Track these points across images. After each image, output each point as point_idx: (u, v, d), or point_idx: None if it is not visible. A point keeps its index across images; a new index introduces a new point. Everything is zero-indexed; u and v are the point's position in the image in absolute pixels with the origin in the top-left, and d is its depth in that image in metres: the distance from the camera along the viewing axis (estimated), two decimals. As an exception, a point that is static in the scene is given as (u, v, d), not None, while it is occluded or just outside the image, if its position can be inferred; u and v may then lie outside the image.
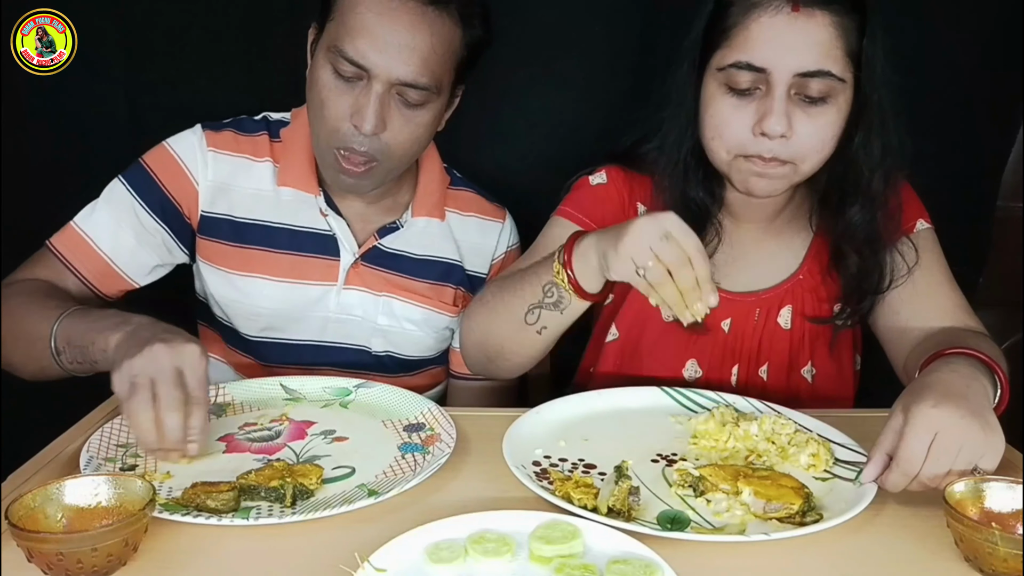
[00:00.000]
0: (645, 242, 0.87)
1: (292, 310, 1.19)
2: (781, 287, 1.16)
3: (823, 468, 0.89)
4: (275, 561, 0.72)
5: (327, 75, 1.07)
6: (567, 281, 0.96)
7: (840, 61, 0.98)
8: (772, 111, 0.98)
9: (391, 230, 1.22)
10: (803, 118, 1.00)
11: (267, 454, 0.91)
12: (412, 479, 0.83)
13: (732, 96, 1.01)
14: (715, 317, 1.16)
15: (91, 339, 0.94)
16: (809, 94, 0.99)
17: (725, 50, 1.01)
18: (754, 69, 0.99)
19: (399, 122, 1.08)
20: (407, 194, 1.25)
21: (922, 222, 1.15)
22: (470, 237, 1.29)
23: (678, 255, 0.86)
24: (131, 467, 0.86)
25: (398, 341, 1.24)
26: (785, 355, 1.16)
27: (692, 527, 0.78)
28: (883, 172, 1.07)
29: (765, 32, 0.98)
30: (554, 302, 0.99)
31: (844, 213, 1.10)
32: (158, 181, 1.15)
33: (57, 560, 0.65)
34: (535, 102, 1.44)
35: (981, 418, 0.79)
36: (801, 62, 0.97)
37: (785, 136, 0.99)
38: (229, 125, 1.21)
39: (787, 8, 0.97)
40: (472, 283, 1.29)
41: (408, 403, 1.04)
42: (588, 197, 1.18)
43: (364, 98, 1.06)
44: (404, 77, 1.05)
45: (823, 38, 0.97)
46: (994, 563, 0.70)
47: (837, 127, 1.02)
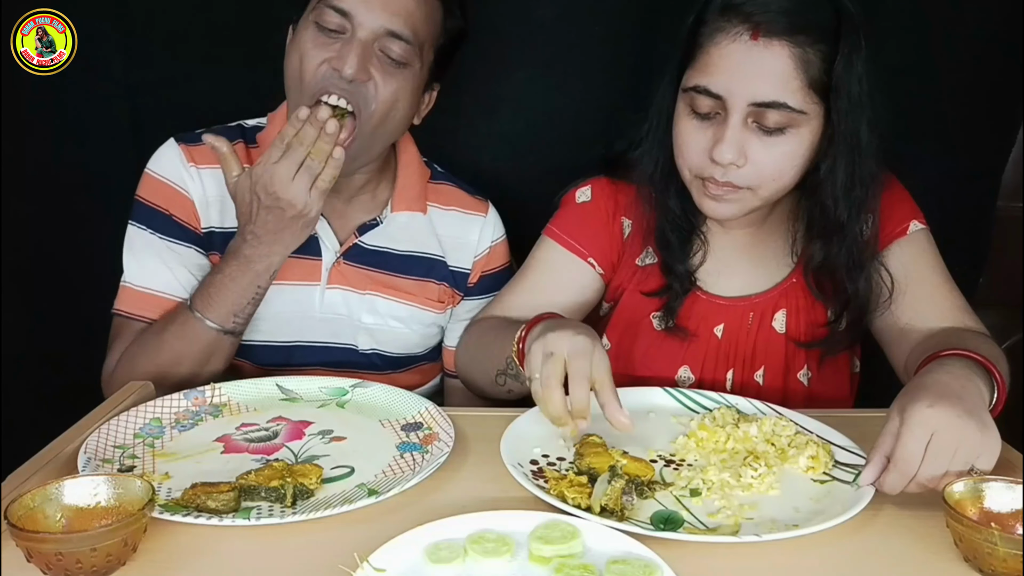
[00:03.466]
0: (564, 346, 0.87)
1: (276, 311, 1.19)
2: (774, 291, 1.16)
3: (822, 470, 0.89)
4: (275, 561, 0.72)
5: (309, 32, 1.08)
6: (518, 361, 0.99)
7: (799, 92, 0.96)
8: (723, 139, 0.98)
9: (371, 227, 1.22)
10: (759, 147, 0.99)
11: (265, 454, 0.91)
12: (412, 478, 0.83)
13: (694, 118, 1.01)
14: (708, 323, 1.16)
15: (245, 287, 1.07)
16: (765, 124, 0.97)
17: (691, 71, 1.01)
18: (711, 95, 0.98)
19: (380, 76, 1.09)
20: (386, 191, 1.25)
21: (915, 223, 1.13)
22: (451, 231, 1.28)
23: (584, 372, 0.85)
24: (129, 468, 0.86)
25: (384, 339, 1.24)
26: (780, 359, 1.16)
27: (686, 527, 0.78)
28: (849, 204, 1.04)
29: (724, 59, 0.97)
30: (515, 375, 1.02)
31: (811, 245, 1.09)
32: (161, 210, 1.16)
33: (56, 560, 0.65)
34: (535, 102, 1.44)
35: (977, 418, 0.79)
36: (756, 92, 0.96)
37: (736, 164, 0.99)
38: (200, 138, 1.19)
39: (746, 35, 0.96)
40: (456, 279, 1.28)
41: (405, 402, 1.04)
42: (574, 216, 1.19)
43: (347, 47, 1.07)
44: (388, 26, 1.07)
45: (781, 69, 0.95)
46: (993, 563, 0.70)
47: (799, 157, 1.01)
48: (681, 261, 1.13)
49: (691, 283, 1.14)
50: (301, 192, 1.03)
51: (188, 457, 0.90)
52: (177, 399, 1.01)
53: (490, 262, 1.30)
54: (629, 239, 1.18)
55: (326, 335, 1.22)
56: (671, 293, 1.14)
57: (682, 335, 1.14)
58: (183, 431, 0.96)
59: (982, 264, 1.56)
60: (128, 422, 0.95)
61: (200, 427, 0.97)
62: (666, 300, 1.14)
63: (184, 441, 0.94)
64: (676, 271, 1.13)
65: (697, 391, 1.08)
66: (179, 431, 0.96)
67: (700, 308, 1.16)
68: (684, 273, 1.13)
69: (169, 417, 0.98)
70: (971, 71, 1.43)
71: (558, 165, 1.25)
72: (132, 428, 0.95)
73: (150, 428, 0.96)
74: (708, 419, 0.99)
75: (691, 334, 1.15)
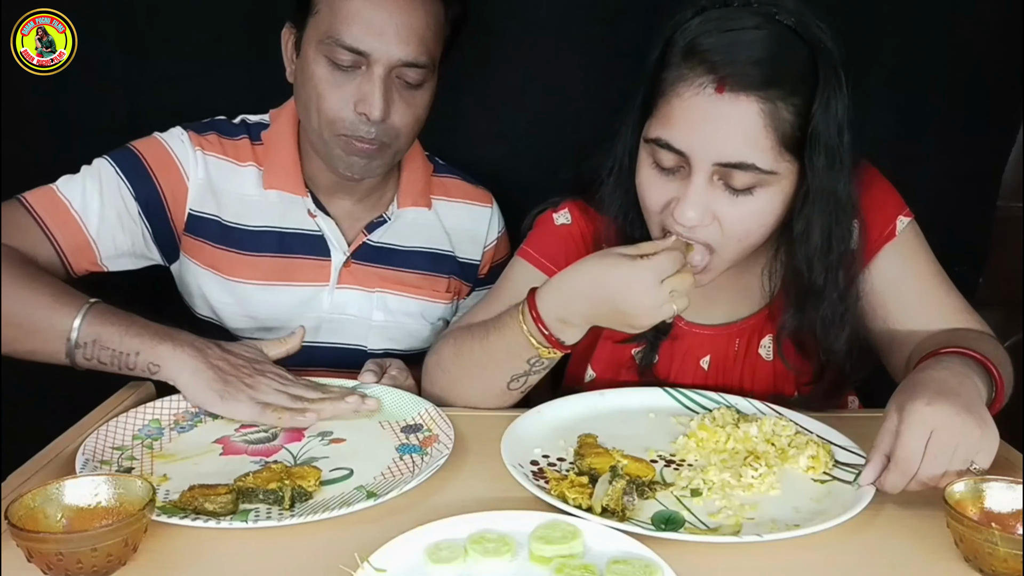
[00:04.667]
0: (657, 300, 0.88)
1: (285, 313, 1.19)
2: (759, 315, 1.10)
3: (822, 471, 0.89)
4: (275, 561, 0.72)
5: (321, 68, 1.07)
6: (555, 350, 0.96)
7: (769, 152, 0.88)
8: (686, 198, 0.90)
9: (379, 224, 1.22)
10: (726, 205, 0.91)
11: (264, 456, 0.91)
12: (411, 480, 0.83)
13: (657, 171, 0.94)
14: (693, 356, 1.11)
15: (134, 348, 0.96)
16: (732, 184, 0.90)
17: (653, 120, 0.93)
18: (674, 150, 0.90)
19: (401, 105, 1.09)
20: (391, 189, 1.25)
21: (901, 219, 1.05)
22: (460, 224, 1.29)
23: (686, 280, 0.89)
24: (127, 469, 0.86)
25: (395, 335, 1.24)
26: (769, 386, 1.10)
27: (687, 528, 0.78)
28: (826, 266, 0.98)
29: (686, 112, 0.89)
30: (545, 367, 1.00)
31: (785, 309, 1.03)
32: (150, 171, 1.13)
33: (57, 560, 0.65)
34: (535, 102, 1.44)
35: (976, 414, 0.79)
36: (721, 151, 0.88)
37: (700, 224, 0.92)
38: (210, 127, 1.20)
39: (711, 88, 0.87)
40: (465, 271, 1.29)
41: (405, 404, 1.04)
42: (550, 237, 1.12)
43: (367, 85, 1.06)
44: (405, 57, 1.05)
45: (749, 126, 0.87)
46: (994, 563, 0.70)
47: (769, 215, 0.93)
48: None
49: (665, 330, 1.08)
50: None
51: (187, 459, 0.90)
52: (177, 400, 1.00)
53: (497, 252, 1.33)
54: None
55: (334, 336, 1.22)
56: (644, 340, 1.08)
57: (662, 380, 1.10)
58: (182, 432, 0.96)
59: (982, 264, 1.56)
60: (127, 423, 0.95)
61: (199, 428, 0.97)
62: (644, 346, 1.09)
63: (183, 443, 0.94)
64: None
65: (697, 391, 1.08)
66: (178, 432, 0.96)
67: (685, 341, 1.10)
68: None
69: (168, 418, 0.98)
70: (971, 71, 1.43)
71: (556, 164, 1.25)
72: (131, 429, 0.95)
73: (149, 429, 0.96)
74: (708, 419, 0.99)
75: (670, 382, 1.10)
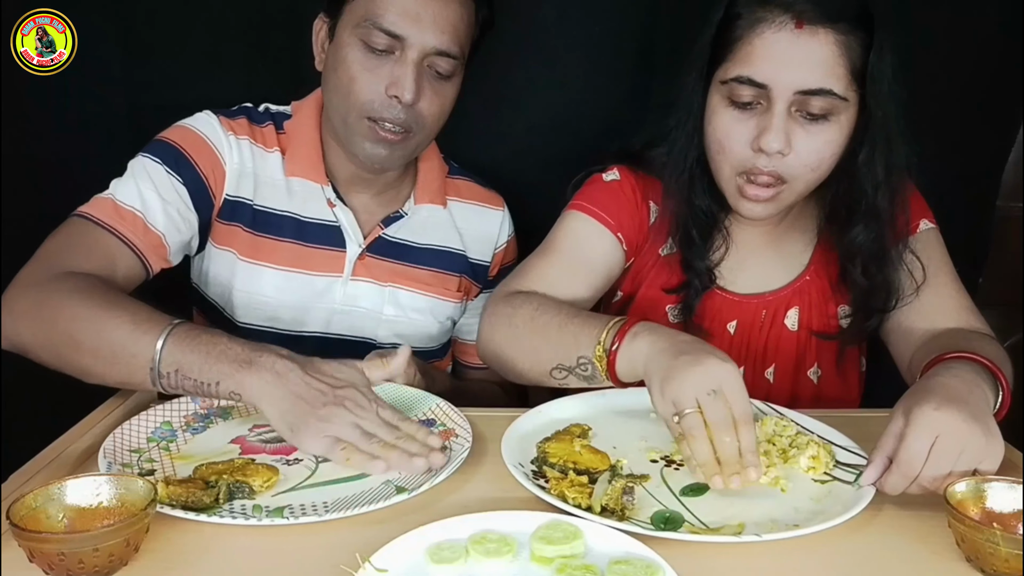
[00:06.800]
0: (692, 392, 0.81)
1: (297, 301, 1.19)
2: (787, 289, 1.16)
3: (823, 471, 0.89)
4: (276, 561, 0.72)
5: (356, 51, 1.08)
6: (606, 370, 0.94)
7: (843, 79, 0.97)
8: (771, 127, 0.98)
9: (395, 219, 1.24)
10: (802, 135, 0.99)
11: (284, 455, 0.90)
12: (440, 473, 0.83)
13: (734, 109, 1.01)
14: (721, 319, 1.16)
15: (214, 377, 0.87)
16: (810, 111, 0.98)
17: (729, 63, 1.01)
18: (755, 84, 0.98)
19: (430, 94, 1.10)
20: (408, 185, 1.27)
21: (925, 222, 1.14)
22: (472, 225, 1.30)
23: (723, 416, 0.80)
24: (149, 472, 0.85)
25: (404, 331, 1.25)
26: (792, 357, 1.16)
27: (686, 527, 0.78)
28: (888, 190, 1.05)
29: (768, 48, 0.98)
30: (587, 376, 0.97)
31: (848, 231, 1.09)
32: (189, 157, 1.11)
33: (58, 560, 0.65)
34: (535, 102, 1.44)
35: (982, 423, 0.79)
36: (802, 80, 0.97)
37: (782, 153, 0.99)
38: (240, 112, 1.20)
39: (791, 24, 0.97)
40: (475, 271, 1.31)
41: (416, 400, 1.04)
42: (602, 192, 1.17)
43: (400, 69, 1.07)
44: (439, 45, 1.07)
45: (826, 56, 0.97)
46: (995, 563, 0.70)
47: (837, 145, 1.01)
48: (702, 257, 1.12)
49: (711, 280, 1.14)
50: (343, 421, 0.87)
51: (206, 459, 0.88)
52: (185, 402, 1.00)
53: (507, 255, 1.34)
54: (655, 226, 1.17)
55: (345, 328, 1.23)
56: (690, 290, 1.13)
57: (698, 333, 1.13)
58: (195, 434, 0.95)
59: (982, 264, 1.56)
60: (140, 426, 0.94)
61: (212, 430, 0.97)
62: (684, 296, 1.14)
63: (199, 444, 0.93)
64: (696, 267, 1.13)
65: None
66: (191, 434, 0.95)
67: (715, 304, 1.16)
68: (704, 269, 1.13)
69: (179, 420, 0.98)
70: (971, 71, 1.43)
71: (559, 165, 1.25)
72: (144, 432, 0.94)
73: (162, 432, 0.95)
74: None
75: (707, 332, 1.14)
